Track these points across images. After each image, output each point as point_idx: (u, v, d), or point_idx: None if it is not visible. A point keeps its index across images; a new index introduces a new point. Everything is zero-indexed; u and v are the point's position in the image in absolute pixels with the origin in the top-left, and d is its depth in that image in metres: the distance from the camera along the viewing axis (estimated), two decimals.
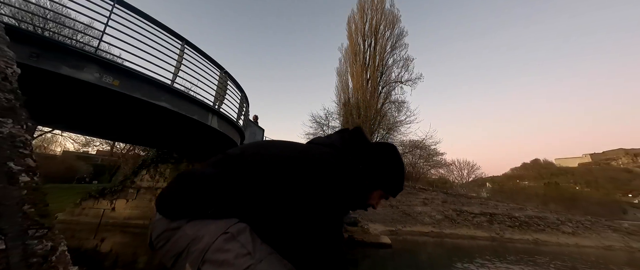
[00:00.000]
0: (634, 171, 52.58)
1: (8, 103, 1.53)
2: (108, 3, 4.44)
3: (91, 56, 4.17)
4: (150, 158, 12.73)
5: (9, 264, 1.05)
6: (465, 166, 35.43)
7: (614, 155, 68.06)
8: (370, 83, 19.78)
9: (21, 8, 9.79)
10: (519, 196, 31.90)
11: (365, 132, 6.74)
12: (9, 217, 1.16)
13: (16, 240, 1.13)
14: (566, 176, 52.38)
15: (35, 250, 1.19)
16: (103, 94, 4.56)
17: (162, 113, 5.46)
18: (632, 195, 41.28)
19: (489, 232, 14.19)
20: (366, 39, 20.62)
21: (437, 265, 8.66)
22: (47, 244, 1.25)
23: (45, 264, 1.20)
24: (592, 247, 13.19)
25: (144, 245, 8.64)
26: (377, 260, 8.45)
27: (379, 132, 19.39)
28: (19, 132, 1.46)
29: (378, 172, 0.81)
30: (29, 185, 1.34)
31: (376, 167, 0.81)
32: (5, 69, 1.68)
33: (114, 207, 11.64)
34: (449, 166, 31.90)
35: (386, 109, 20.00)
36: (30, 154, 1.45)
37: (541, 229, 14.66)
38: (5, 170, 1.28)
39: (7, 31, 1.99)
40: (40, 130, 17.97)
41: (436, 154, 23.65)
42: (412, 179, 23.08)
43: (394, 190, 0.84)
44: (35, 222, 1.26)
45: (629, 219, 24.99)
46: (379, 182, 0.82)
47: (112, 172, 24.62)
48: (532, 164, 63.04)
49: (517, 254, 10.52)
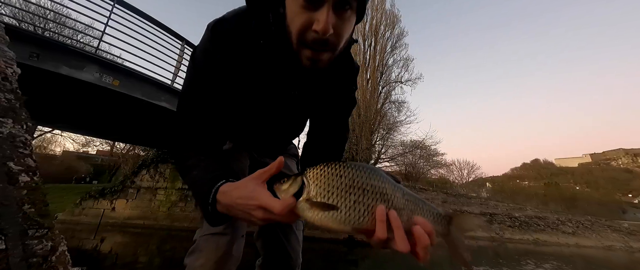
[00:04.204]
0: (634, 171, 52.57)
1: (8, 103, 1.53)
2: (108, 3, 4.45)
3: (91, 56, 4.17)
4: (150, 158, 12.73)
5: (8, 264, 1.05)
6: (465, 166, 35.41)
7: (614, 155, 68.06)
8: (370, 83, 19.78)
9: (21, 8, 9.79)
10: (519, 196, 31.90)
11: (365, 132, 6.62)
12: (9, 217, 1.16)
13: (16, 240, 1.13)
14: (566, 176, 52.41)
15: (35, 250, 1.19)
16: (103, 94, 4.57)
17: (162, 113, 5.46)
18: (632, 196, 41.27)
19: (489, 232, 14.18)
20: (366, 39, 20.61)
21: (437, 266, 8.66)
22: (47, 244, 1.25)
23: (45, 264, 1.20)
24: (592, 247, 13.20)
25: (144, 245, 8.64)
26: (377, 261, 8.45)
27: (379, 132, 19.40)
28: (19, 132, 1.46)
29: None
30: (29, 185, 1.34)
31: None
32: (5, 69, 1.68)
33: (114, 207, 11.63)
34: (449, 166, 31.87)
35: (386, 109, 20.00)
36: (30, 154, 1.45)
37: (541, 229, 14.66)
38: (5, 170, 1.28)
39: (7, 31, 1.99)
40: (40, 130, 17.98)
41: (436, 154, 23.62)
42: (412, 179, 23.08)
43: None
44: (35, 222, 1.26)
45: (629, 219, 24.99)
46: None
47: (112, 172, 24.64)
48: (532, 164, 63.08)
49: (518, 255, 10.52)
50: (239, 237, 0.81)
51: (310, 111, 0.89)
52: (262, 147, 0.99)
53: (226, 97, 0.73)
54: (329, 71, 0.75)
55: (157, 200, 11.62)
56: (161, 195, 11.65)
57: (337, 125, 0.93)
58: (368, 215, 0.46)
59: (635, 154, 63.83)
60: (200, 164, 0.64)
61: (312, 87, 0.78)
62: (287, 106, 0.81)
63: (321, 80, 0.78)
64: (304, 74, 0.72)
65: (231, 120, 0.82)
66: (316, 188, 0.48)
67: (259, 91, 0.75)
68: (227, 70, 0.68)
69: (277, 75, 0.72)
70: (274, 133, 0.93)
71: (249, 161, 0.94)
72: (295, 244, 1.00)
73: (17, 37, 3.28)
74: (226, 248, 0.76)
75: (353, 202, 0.46)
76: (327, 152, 0.93)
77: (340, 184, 0.48)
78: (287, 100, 0.79)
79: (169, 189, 11.67)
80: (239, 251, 0.80)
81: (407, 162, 23.13)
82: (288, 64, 0.69)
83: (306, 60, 0.62)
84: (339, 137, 0.94)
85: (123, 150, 24.61)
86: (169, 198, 11.50)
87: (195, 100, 0.70)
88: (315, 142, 0.94)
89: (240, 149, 0.93)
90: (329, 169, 0.50)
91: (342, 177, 0.48)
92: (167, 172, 12.05)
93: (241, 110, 0.80)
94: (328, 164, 0.51)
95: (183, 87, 0.74)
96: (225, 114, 0.76)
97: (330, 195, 0.47)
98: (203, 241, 0.77)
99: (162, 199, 11.56)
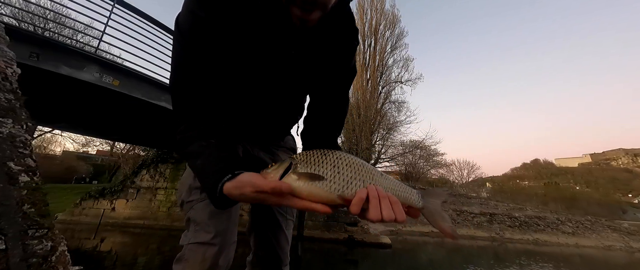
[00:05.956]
0: (634, 171, 52.58)
1: (8, 103, 1.53)
2: (108, 3, 4.45)
3: (91, 56, 4.17)
4: (150, 158, 12.72)
5: (8, 264, 1.05)
6: (465, 166, 35.40)
7: (614, 155, 68.06)
8: (370, 83, 19.79)
9: (21, 8, 9.79)
10: (519, 196, 31.86)
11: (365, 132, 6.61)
12: (9, 217, 1.16)
13: (16, 240, 1.13)
14: (566, 176, 52.41)
15: (35, 250, 1.19)
16: (103, 94, 4.57)
17: (162, 113, 5.46)
18: (632, 195, 41.27)
19: (489, 232, 14.19)
20: (366, 39, 20.61)
21: (437, 266, 8.66)
22: (47, 244, 1.25)
23: (45, 264, 1.20)
24: (592, 247, 13.20)
25: (144, 245, 8.64)
26: (377, 261, 8.45)
27: (379, 132, 19.40)
28: (19, 132, 1.46)
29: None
30: (29, 185, 1.34)
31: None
32: (5, 69, 1.68)
33: (114, 207, 11.63)
34: (449, 166, 31.86)
35: (386, 109, 20.02)
36: (30, 154, 1.45)
37: (541, 229, 14.66)
38: (5, 170, 1.28)
39: (7, 31, 1.99)
40: (40, 130, 17.97)
41: (436, 154, 23.63)
42: (412, 179, 23.07)
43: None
44: (35, 222, 1.26)
45: (629, 219, 24.98)
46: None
47: (112, 172, 24.64)
48: (532, 164, 63.06)
49: (518, 255, 10.52)
50: (229, 245, 0.79)
51: (310, 81, 0.82)
52: (257, 133, 0.93)
53: (219, 63, 0.67)
54: (326, 29, 0.70)
55: (157, 200, 11.62)
56: (161, 195, 11.65)
57: (337, 96, 0.90)
58: (352, 185, 0.51)
59: (635, 154, 63.82)
60: (203, 152, 0.62)
61: (309, 47, 0.72)
62: (284, 71, 0.74)
63: (318, 39, 0.72)
64: (298, 32, 0.67)
65: (224, 94, 0.76)
66: (304, 164, 0.53)
67: (253, 53, 0.68)
68: (216, 32, 0.62)
69: (270, 34, 0.66)
70: (271, 111, 0.86)
71: (242, 155, 0.90)
72: (284, 243, 0.99)
73: (17, 37, 3.28)
74: (212, 260, 0.74)
75: (337, 173, 0.52)
76: (328, 124, 0.92)
77: (325, 160, 0.54)
78: (283, 63, 0.71)
79: (169, 189, 11.66)
80: (227, 260, 0.78)
81: (407, 162, 23.13)
82: (280, 21, 0.63)
83: (296, 18, 0.60)
84: (340, 109, 0.92)
85: (123, 150, 24.60)
86: (169, 198, 11.50)
87: (188, 72, 0.66)
88: (315, 114, 0.92)
89: (231, 141, 0.88)
90: (316, 151, 0.57)
91: (327, 155, 0.55)
92: (167, 172, 12.04)
93: (235, 79, 0.73)
94: (314, 150, 0.58)
95: (172, 59, 0.69)
96: (220, 84, 0.72)
97: (317, 168, 0.52)
98: (189, 251, 0.75)
99: (162, 199, 11.56)
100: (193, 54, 0.64)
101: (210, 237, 0.75)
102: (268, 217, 0.97)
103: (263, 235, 0.97)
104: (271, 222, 0.97)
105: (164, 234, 9.98)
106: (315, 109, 0.91)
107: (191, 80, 0.66)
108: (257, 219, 0.99)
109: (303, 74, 0.78)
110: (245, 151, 0.92)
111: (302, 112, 0.98)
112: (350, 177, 0.52)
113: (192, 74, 0.66)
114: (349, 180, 0.51)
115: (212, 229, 0.76)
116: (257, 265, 0.99)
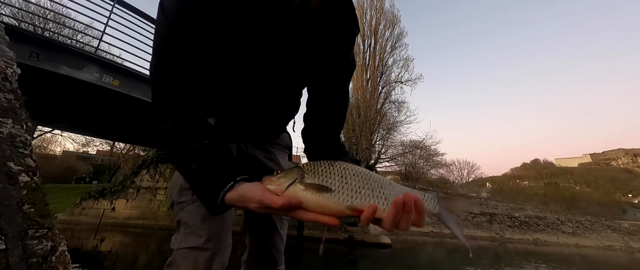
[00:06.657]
0: (634, 171, 52.61)
1: (8, 103, 1.53)
2: (108, 3, 4.45)
3: (91, 56, 4.17)
4: (150, 158, 12.73)
5: (8, 264, 1.05)
6: (465, 166, 35.49)
7: (614, 155, 68.09)
8: (370, 83, 19.78)
9: (21, 8, 9.80)
10: (519, 196, 31.92)
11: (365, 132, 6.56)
12: (9, 217, 1.16)
13: (16, 240, 1.13)
14: (566, 176, 52.42)
15: (35, 250, 1.19)
16: (103, 94, 4.57)
17: None
18: (632, 196, 41.28)
19: (489, 232, 14.20)
20: (366, 39, 20.60)
21: (437, 266, 8.66)
22: (47, 244, 1.25)
23: (45, 264, 1.20)
24: (592, 247, 13.21)
25: (144, 245, 8.64)
26: (377, 261, 8.45)
27: (378, 132, 19.40)
28: (19, 132, 1.46)
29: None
30: (29, 185, 1.34)
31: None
32: (5, 69, 1.68)
33: (114, 207, 11.64)
34: (449, 166, 31.97)
35: (386, 109, 20.00)
36: (30, 154, 1.45)
37: (541, 229, 14.67)
38: (5, 170, 1.28)
39: (7, 31, 1.99)
40: (40, 130, 17.98)
41: (436, 154, 23.65)
42: (412, 179, 23.08)
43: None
44: (35, 222, 1.26)
45: (629, 219, 24.99)
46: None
47: (112, 172, 24.63)
48: (532, 164, 63.08)
49: (517, 255, 10.52)
50: (222, 248, 0.75)
51: (307, 70, 0.76)
52: (252, 129, 0.89)
53: (209, 47, 0.61)
54: (325, 12, 0.65)
55: (157, 200, 11.62)
56: (161, 195, 11.65)
57: (337, 90, 0.84)
58: (361, 195, 0.50)
59: (635, 154, 63.84)
60: (198, 155, 0.56)
61: (307, 30, 0.66)
62: (280, 57, 0.68)
63: (317, 22, 0.66)
64: (297, 13, 0.61)
65: (215, 83, 0.69)
66: (311, 175, 0.52)
67: (247, 36, 0.62)
68: (205, 12, 0.56)
69: (266, 14, 0.60)
70: (266, 103, 0.80)
71: (236, 155, 0.85)
72: (279, 243, 0.97)
73: (17, 37, 3.28)
74: (205, 266, 0.70)
75: (346, 183, 0.51)
76: (330, 120, 0.88)
77: (333, 170, 0.53)
78: (280, 47, 0.66)
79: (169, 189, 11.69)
80: (222, 263, 0.75)
81: (407, 162, 23.16)
82: (277, 2, 0.58)
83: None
84: (340, 103, 0.88)
85: (123, 150, 24.61)
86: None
87: (172, 56, 0.59)
88: (316, 110, 0.87)
89: (224, 138, 0.82)
90: (323, 162, 0.55)
91: (334, 166, 0.54)
92: (167, 172, 12.05)
93: (227, 65, 0.66)
94: (321, 160, 0.56)
95: (154, 43, 0.61)
96: (209, 71, 0.65)
97: (325, 179, 0.51)
98: (180, 256, 0.71)
99: (162, 199, 11.56)
100: (179, 36, 0.57)
101: (202, 241, 0.71)
102: (263, 217, 0.95)
103: (258, 235, 0.96)
104: (266, 222, 0.95)
105: (164, 234, 9.98)
106: (315, 104, 0.86)
107: (175, 66, 0.59)
108: (252, 218, 0.97)
109: (300, 61, 0.72)
110: (239, 150, 0.87)
111: (298, 107, 0.95)
112: (359, 187, 0.50)
113: (176, 59, 0.59)
114: (357, 191, 0.50)
115: (204, 233, 0.72)
116: (252, 264, 0.98)
